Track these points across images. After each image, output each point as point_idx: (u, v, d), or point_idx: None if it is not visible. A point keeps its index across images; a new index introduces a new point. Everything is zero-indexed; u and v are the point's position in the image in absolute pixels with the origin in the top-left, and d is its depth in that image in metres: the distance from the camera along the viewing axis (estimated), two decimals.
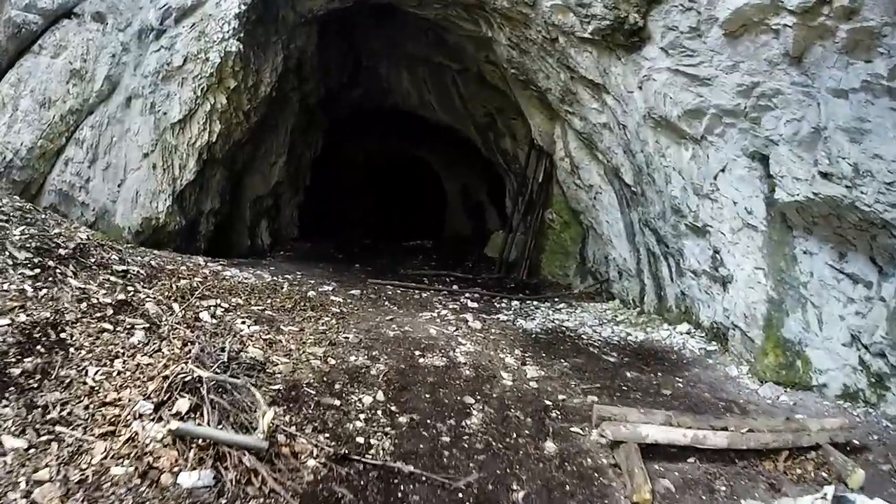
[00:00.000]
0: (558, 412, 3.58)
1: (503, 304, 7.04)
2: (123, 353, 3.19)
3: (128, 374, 3.01)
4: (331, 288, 6.45)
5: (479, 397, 3.65)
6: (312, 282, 6.76)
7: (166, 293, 4.27)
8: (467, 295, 7.39)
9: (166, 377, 2.86)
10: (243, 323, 4.26)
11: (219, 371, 3.12)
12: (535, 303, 7.35)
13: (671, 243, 5.88)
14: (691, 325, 5.93)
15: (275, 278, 6.53)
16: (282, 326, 4.41)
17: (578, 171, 7.65)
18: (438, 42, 10.53)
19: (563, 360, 4.60)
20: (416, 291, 7.19)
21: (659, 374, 4.57)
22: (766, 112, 4.45)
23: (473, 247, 13.00)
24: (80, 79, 8.00)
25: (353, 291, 6.42)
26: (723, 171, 5.11)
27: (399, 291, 6.98)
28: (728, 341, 5.29)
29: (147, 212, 7.95)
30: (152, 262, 5.21)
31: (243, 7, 8.00)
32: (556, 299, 7.76)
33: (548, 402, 3.69)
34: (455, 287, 8.10)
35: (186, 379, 2.85)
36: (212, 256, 8.78)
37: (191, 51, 8.12)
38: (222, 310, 4.36)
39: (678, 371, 4.71)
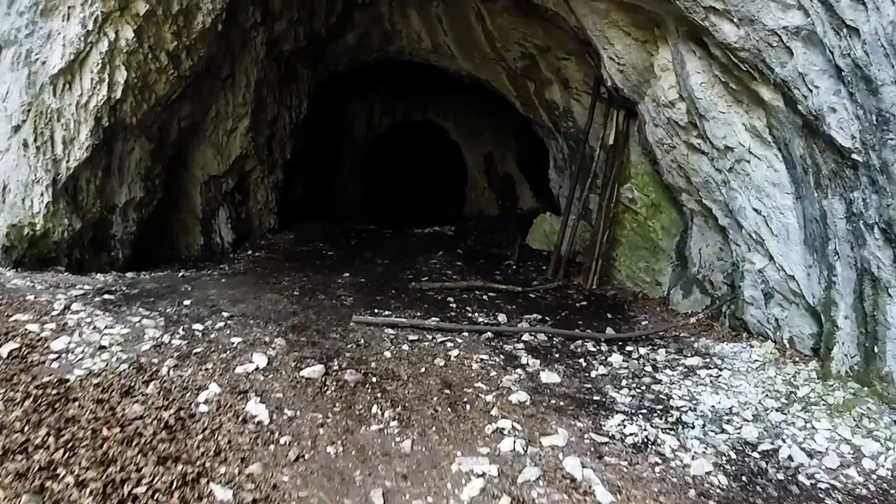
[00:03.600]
0: None
1: (600, 368, 3.99)
2: None
3: None
4: (264, 361, 3.35)
5: None
6: (236, 341, 3.66)
7: None
8: (527, 338, 4.45)
9: None
10: None
11: None
12: (645, 354, 4.32)
13: None
14: None
15: (163, 338, 3.50)
16: None
17: (704, 123, 4.58)
18: None
19: None
20: (438, 338, 4.26)
21: None
22: None
23: (506, 232, 10.05)
24: None
25: (307, 371, 3.31)
26: None
27: (406, 346, 4.01)
28: None
29: (17, 215, 5.10)
30: None
31: None
32: (665, 336, 4.82)
33: None
34: (501, 317, 5.13)
35: None
36: (137, 270, 5.97)
37: None
38: None
39: None
